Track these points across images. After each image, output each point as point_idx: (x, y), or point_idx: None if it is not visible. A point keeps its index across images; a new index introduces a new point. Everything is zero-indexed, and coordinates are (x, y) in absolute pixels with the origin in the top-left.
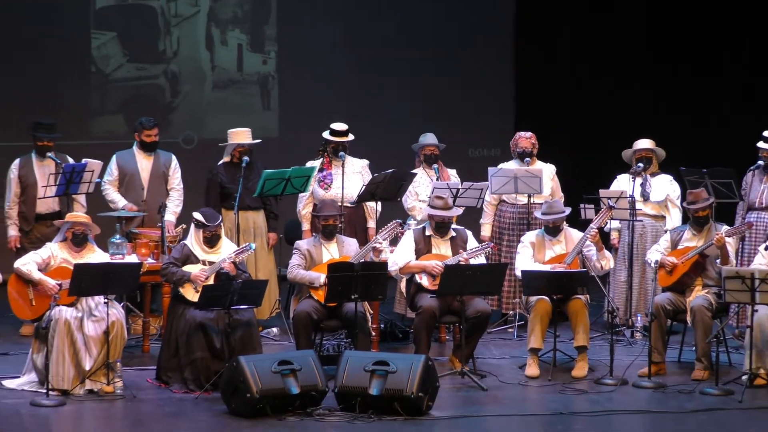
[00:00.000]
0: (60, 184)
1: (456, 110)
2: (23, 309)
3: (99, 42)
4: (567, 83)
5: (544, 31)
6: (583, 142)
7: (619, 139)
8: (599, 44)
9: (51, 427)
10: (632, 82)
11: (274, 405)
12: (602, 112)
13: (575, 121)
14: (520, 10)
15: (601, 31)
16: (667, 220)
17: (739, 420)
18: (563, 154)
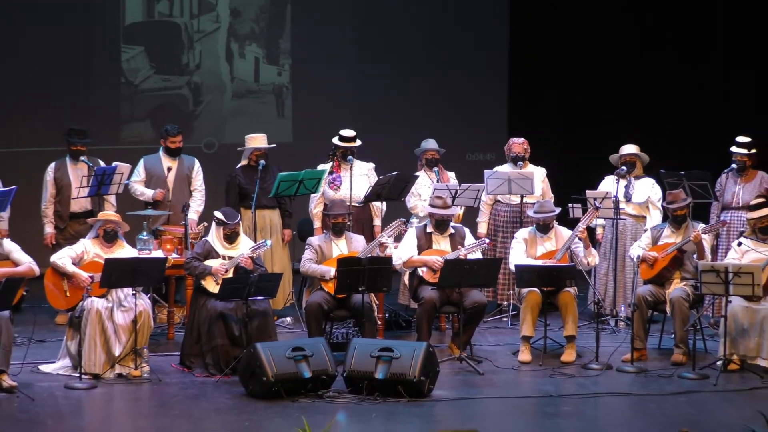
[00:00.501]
0: (92, 186)
1: (454, 118)
2: (58, 299)
3: (128, 55)
4: (556, 94)
5: (535, 49)
6: (571, 147)
7: (605, 145)
8: (586, 58)
9: (83, 408)
10: (617, 93)
11: (288, 388)
12: (589, 120)
13: (564, 128)
14: (513, 30)
15: (587, 46)
16: (648, 220)
17: (714, 401)
18: (553, 157)
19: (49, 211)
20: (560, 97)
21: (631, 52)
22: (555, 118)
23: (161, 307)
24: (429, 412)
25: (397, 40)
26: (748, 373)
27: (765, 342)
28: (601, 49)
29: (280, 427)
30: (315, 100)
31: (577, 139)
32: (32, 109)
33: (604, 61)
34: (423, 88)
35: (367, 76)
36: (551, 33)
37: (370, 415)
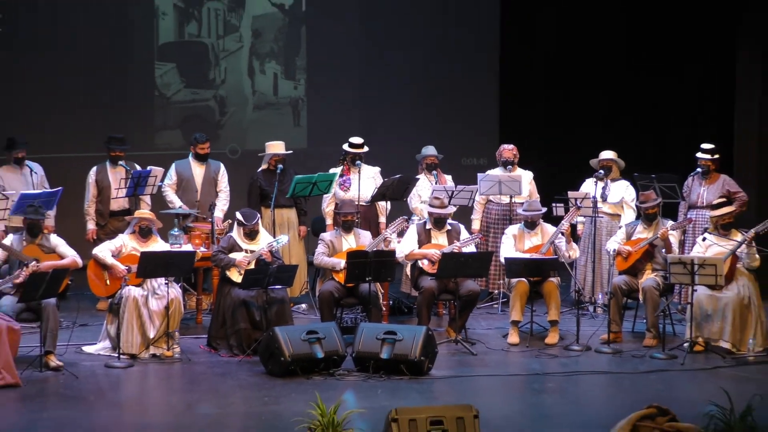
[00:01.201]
0: (129, 187)
1: (451, 127)
2: (99, 288)
3: (161, 71)
4: (542, 106)
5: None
6: (555, 152)
7: (586, 151)
8: (570, 74)
9: (121, 384)
10: (597, 105)
11: (303, 367)
12: (571, 128)
13: (549, 136)
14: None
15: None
16: (622, 218)
17: (682, 379)
18: (539, 162)
19: (91, 209)
20: (546, 109)
21: (611, 68)
22: (541, 127)
23: (190, 294)
24: (428, 389)
25: (399, 59)
26: (711, 354)
27: (727, 326)
28: (584, 65)
29: (296, 402)
30: (327, 111)
31: (561, 145)
32: (76, 119)
33: (586, 76)
34: (423, 101)
35: (372, 91)
36: (539, 51)
37: (375, 391)
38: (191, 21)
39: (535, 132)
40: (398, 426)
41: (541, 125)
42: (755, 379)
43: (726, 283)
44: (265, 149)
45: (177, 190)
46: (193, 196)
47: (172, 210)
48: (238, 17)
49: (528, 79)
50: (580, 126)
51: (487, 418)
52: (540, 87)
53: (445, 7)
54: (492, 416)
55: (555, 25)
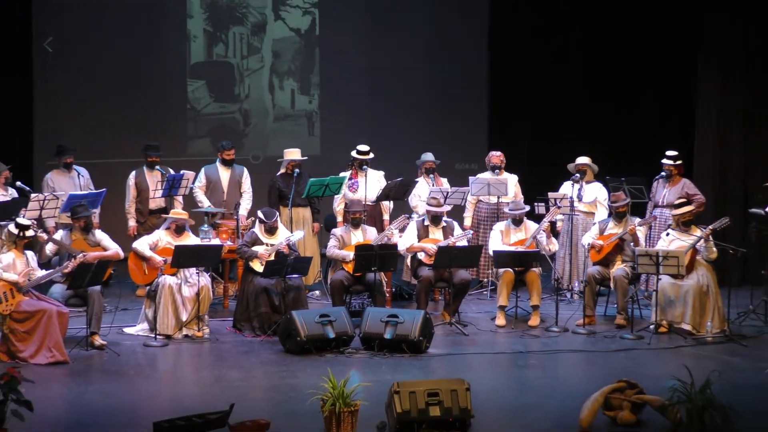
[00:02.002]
0: (165, 189)
1: (446, 136)
2: (139, 276)
3: (193, 87)
4: (526, 117)
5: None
6: (537, 158)
7: (564, 157)
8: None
9: (157, 361)
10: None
11: (317, 346)
12: (552, 137)
13: (532, 144)
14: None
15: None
16: (596, 216)
17: (648, 357)
18: (523, 167)
19: (132, 209)
20: (529, 121)
21: (588, 85)
22: (525, 137)
23: (218, 282)
24: (426, 365)
25: (401, 78)
26: (674, 335)
27: (688, 310)
28: (563, 83)
29: (310, 376)
30: (337, 122)
31: (542, 152)
32: (118, 129)
33: (565, 92)
34: (422, 114)
35: (377, 104)
36: (522, 72)
37: (380, 367)
38: (219, 43)
39: (520, 141)
40: (400, 397)
41: (525, 135)
42: (713, 357)
43: (687, 272)
44: (283, 155)
45: (206, 191)
46: (220, 196)
47: (202, 209)
48: (259, 40)
49: (513, 95)
50: (559, 135)
51: (477, 390)
52: (524, 102)
53: (439, 32)
54: (482, 389)
55: (537, 50)
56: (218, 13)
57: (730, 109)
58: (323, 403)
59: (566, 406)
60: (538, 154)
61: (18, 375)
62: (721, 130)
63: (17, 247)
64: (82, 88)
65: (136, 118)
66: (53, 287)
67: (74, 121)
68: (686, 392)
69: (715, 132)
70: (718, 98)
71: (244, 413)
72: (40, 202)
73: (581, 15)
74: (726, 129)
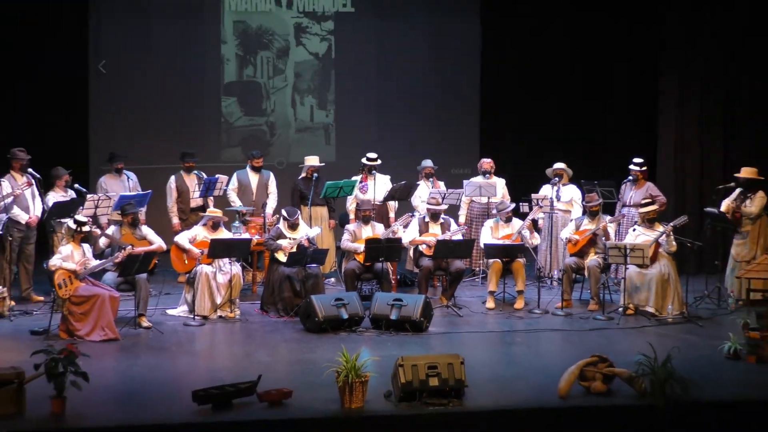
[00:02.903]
0: (202, 190)
1: (443, 145)
2: (180, 265)
3: (226, 103)
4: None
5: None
6: (521, 164)
7: (544, 163)
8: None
9: (196, 338)
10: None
11: (332, 325)
12: (534, 146)
13: (517, 152)
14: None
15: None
16: (572, 213)
17: (617, 335)
18: (510, 172)
19: (174, 208)
20: (515, 131)
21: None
22: (511, 146)
23: (248, 271)
24: (426, 342)
25: (405, 95)
26: (640, 316)
27: (651, 295)
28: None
29: (326, 352)
30: (350, 133)
31: (526, 159)
32: (161, 139)
33: (546, 106)
34: (423, 127)
35: (384, 118)
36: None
37: (386, 343)
38: (248, 65)
39: (507, 149)
40: (403, 370)
41: (511, 144)
42: (673, 335)
43: (651, 263)
44: (304, 162)
45: (238, 192)
46: (250, 197)
47: (234, 208)
48: (283, 63)
49: (501, 112)
50: (540, 145)
51: (470, 363)
52: (510, 117)
53: (438, 58)
54: (474, 362)
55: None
56: (248, 39)
57: (687, 124)
58: (338, 374)
59: (547, 377)
60: (522, 161)
61: (75, 350)
62: (679, 141)
63: (75, 241)
64: (131, 104)
65: (178, 130)
66: (106, 275)
67: (124, 131)
68: (650, 366)
69: (674, 143)
70: (677, 110)
71: (269, 383)
72: (94, 202)
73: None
74: (683, 140)
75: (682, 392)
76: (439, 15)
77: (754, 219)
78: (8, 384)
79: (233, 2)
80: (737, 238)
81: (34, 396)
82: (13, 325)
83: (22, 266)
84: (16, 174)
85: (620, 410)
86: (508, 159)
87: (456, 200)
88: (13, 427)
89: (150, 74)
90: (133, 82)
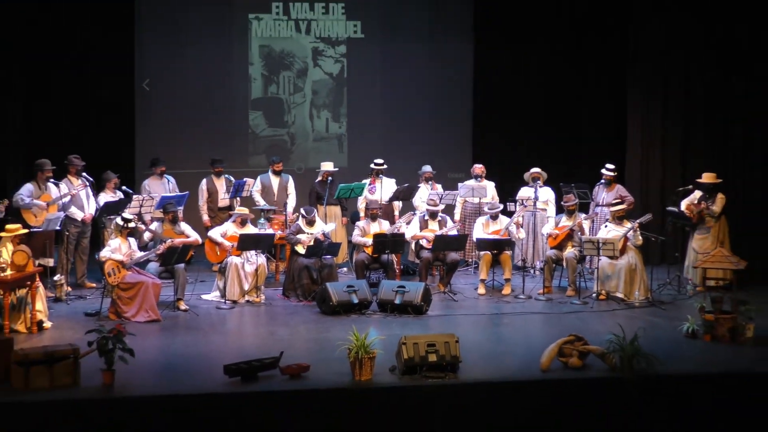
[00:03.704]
0: (231, 192)
1: (441, 152)
2: (213, 257)
3: (253, 117)
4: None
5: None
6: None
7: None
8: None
9: (226, 320)
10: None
11: (344, 309)
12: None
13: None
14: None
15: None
16: (548, 211)
17: (592, 318)
18: (499, 176)
19: (204, 207)
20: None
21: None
22: (499, 153)
23: (272, 261)
24: (426, 323)
25: (408, 109)
26: (611, 301)
27: (621, 283)
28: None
29: (339, 331)
30: (360, 142)
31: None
32: (196, 147)
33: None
34: (423, 135)
35: (390, 129)
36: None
37: (391, 325)
38: (272, 84)
39: (496, 156)
40: (406, 347)
41: (499, 152)
42: (639, 317)
43: (620, 254)
44: (320, 167)
45: (261, 193)
46: (271, 197)
47: (259, 207)
48: (303, 81)
49: (491, 124)
50: (525, 153)
51: (464, 342)
52: (498, 127)
53: (437, 76)
54: (467, 341)
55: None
56: (272, 61)
57: (650, 134)
58: (349, 351)
59: (530, 354)
60: (510, 167)
61: (123, 330)
62: (644, 150)
63: (122, 235)
64: (170, 116)
65: (211, 139)
66: (149, 264)
67: (165, 140)
68: (619, 344)
69: (640, 151)
70: (643, 121)
71: (290, 359)
72: (139, 202)
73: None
74: (648, 149)
75: (647, 366)
76: (436, 39)
77: (717, 217)
78: (66, 359)
79: (259, 29)
80: (699, 232)
81: (87, 369)
82: (70, 308)
83: (78, 257)
84: (72, 177)
85: (594, 382)
86: (497, 165)
87: (452, 201)
88: (69, 396)
89: (187, 91)
90: (172, 97)
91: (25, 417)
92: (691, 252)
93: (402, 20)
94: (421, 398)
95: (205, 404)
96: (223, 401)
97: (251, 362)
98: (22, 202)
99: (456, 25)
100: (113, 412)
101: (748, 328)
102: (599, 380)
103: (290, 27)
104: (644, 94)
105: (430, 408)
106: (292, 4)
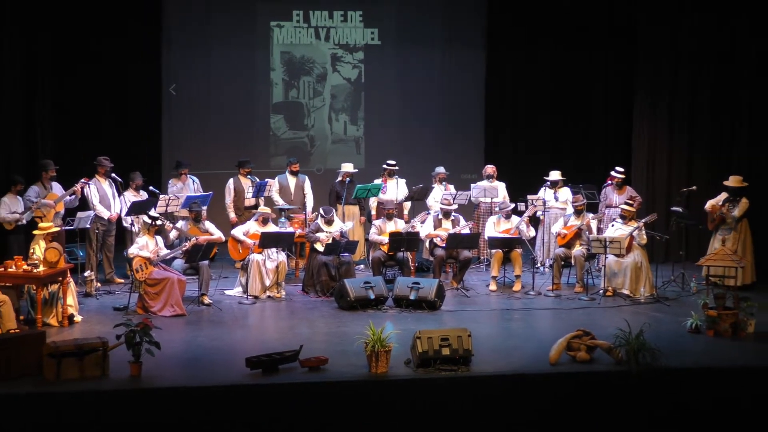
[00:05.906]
0: (254, 192)
1: (454, 154)
2: (235, 254)
3: (274, 120)
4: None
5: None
6: (519, 170)
7: (539, 171)
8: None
9: (249, 314)
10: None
11: (362, 304)
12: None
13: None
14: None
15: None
16: (567, 211)
17: (599, 313)
18: (509, 176)
19: (231, 205)
20: (514, 143)
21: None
22: (511, 154)
23: (292, 258)
24: (440, 318)
25: (422, 112)
26: (617, 298)
27: (627, 280)
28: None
29: (357, 326)
30: (376, 144)
31: (523, 166)
32: (220, 149)
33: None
34: (437, 137)
35: (404, 132)
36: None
37: (406, 319)
38: (293, 88)
39: (507, 157)
40: (420, 341)
41: (511, 153)
42: (645, 313)
43: (626, 253)
44: (341, 168)
45: (279, 193)
46: (289, 197)
47: (279, 206)
48: (322, 86)
49: (503, 126)
50: (535, 155)
51: (476, 336)
52: (510, 131)
53: (450, 80)
54: (479, 335)
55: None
56: (293, 67)
57: (656, 139)
58: (366, 345)
59: (540, 348)
60: (520, 168)
61: (150, 323)
62: (650, 153)
63: (149, 233)
64: (195, 120)
65: (234, 141)
66: (175, 261)
67: (189, 143)
68: (626, 338)
69: (645, 154)
70: (649, 128)
71: (309, 352)
72: (165, 201)
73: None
74: (654, 151)
75: (652, 360)
76: (450, 46)
77: (737, 221)
78: (95, 351)
79: (281, 36)
80: (721, 233)
81: (116, 361)
82: (99, 303)
83: (104, 254)
84: (100, 178)
85: (601, 375)
86: (508, 166)
87: (464, 201)
88: (98, 387)
89: (211, 96)
90: (197, 102)
91: (56, 407)
92: (711, 251)
93: (417, 28)
94: (435, 390)
95: (227, 395)
96: (244, 392)
97: (272, 355)
98: (31, 203)
99: (469, 32)
100: (140, 402)
101: (749, 323)
102: (606, 373)
103: (310, 34)
104: (651, 98)
105: (443, 399)
106: (312, 12)
